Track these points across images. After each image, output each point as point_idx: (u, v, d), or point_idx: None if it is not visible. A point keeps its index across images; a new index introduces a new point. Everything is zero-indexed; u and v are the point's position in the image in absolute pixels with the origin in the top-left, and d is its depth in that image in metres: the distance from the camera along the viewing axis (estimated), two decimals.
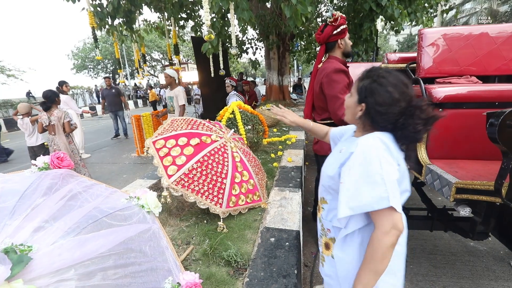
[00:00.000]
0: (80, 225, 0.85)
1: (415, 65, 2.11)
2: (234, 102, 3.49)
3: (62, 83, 5.77)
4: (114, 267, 0.82)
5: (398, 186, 0.83)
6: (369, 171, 0.82)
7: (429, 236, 2.60)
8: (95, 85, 20.83)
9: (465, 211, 1.48)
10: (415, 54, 2.15)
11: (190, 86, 14.68)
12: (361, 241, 0.93)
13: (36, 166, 1.07)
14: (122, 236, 0.90)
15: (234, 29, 4.02)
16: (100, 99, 7.93)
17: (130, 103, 19.11)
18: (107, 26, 5.59)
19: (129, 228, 0.97)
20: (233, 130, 2.17)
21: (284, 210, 1.97)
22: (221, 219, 1.78)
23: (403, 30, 6.45)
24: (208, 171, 1.82)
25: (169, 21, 6.24)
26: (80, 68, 24.80)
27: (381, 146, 0.85)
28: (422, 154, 1.81)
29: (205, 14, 3.39)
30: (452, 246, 2.47)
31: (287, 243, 1.58)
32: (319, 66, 2.21)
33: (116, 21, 5.78)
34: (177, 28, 6.70)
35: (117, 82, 22.28)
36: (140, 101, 20.13)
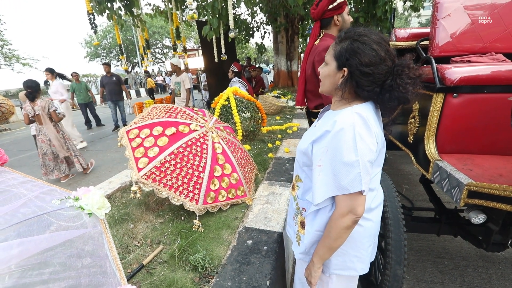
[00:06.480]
0: None
1: (427, 42, 1.78)
2: (230, 88, 3.26)
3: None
4: None
5: (370, 168, 0.81)
6: (345, 153, 0.79)
7: (438, 237, 2.33)
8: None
9: (478, 219, 1.22)
10: (429, 30, 1.82)
11: (199, 72, 14.46)
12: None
13: None
14: (34, 248, 0.75)
15: (231, 9, 3.72)
16: (99, 87, 7.41)
17: (142, 91, 19.18)
18: (107, 11, 5.42)
19: (51, 237, 0.81)
20: (215, 118, 1.96)
21: (269, 208, 1.78)
22: (197, 217, 1.62)
23: (423, 8, 5.78)
24: (184, 164, 1.64)
25: (171, 3, 5.96)
26: (93, 56, 25.03)
27: (359, 122, 0.80)
28: (430, 147, 1.54)
29: None
30: (464, 249, 2.20)
31: (265, 247, 1.40)
32: (315, 43, 1.94)
33: (116, 5, 5.58)
34: (179, 12, 6.40)
35: (129, 70, 22.33)
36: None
